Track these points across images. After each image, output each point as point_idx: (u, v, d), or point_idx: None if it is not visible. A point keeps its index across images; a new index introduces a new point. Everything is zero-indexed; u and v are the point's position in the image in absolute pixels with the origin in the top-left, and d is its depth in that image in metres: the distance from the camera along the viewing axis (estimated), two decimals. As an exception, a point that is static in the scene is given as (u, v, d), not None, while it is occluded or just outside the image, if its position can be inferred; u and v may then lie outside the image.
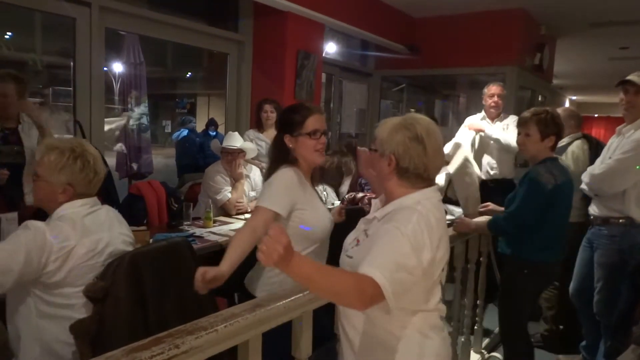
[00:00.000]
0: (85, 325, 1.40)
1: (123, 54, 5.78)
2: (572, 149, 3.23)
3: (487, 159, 3.91)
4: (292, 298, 1.40)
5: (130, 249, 1.65)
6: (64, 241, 1.48)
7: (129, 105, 5.66)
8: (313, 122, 1.81)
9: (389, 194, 1.39)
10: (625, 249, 2.64)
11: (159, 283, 1.57)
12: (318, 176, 2.01)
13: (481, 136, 3.86)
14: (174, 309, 1.59)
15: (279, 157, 1.85)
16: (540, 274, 2.46)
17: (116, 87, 7.08)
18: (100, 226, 1.61)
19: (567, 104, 13.04)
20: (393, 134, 1.34)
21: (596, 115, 16.84)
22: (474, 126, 3.90)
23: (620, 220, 2.66)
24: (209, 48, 4.64)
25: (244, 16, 4.51)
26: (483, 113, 3.97)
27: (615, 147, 2.75)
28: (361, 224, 1.47)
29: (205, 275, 1.47)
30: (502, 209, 2.69)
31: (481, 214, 2.77)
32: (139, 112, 5.55)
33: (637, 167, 2.57)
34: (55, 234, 1.47)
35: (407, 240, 1.22)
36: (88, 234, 1.55)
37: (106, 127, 4.15)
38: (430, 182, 1.38)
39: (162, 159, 10.74)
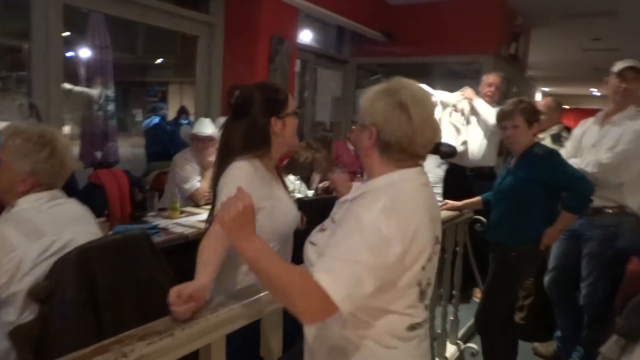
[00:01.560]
0: (25, 331, 1.25)
1: (87, 36, 5.51)
2: (566, 137, 3.32)
3: (472, 145, 3.85)
4: (259, 295, 1.28)
5: None
6: (10, 252, 1.33)
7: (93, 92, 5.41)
8: (292, 100, 1.67)
9: (369, 173, 1.20)
10: (616, 238, 2.62)
11: (113, 281, 1.42)
12: (284, 165, 1.84)
13: (469, 112, 3.85)
14: (131, 310, 1.45)
15: (255, 144, 1.60)
16: (534, 258, 2.46)
17: (81, 71, 6.78)
18: (59, 224, 1.46)
19: (539, 96, 13.20)
20: (374, 102, 1.16)
21: (567, 107, 17.20)
22: (467, 92, 3.87)
23: (614, 210, 2.64)
24: (178, 30, 4.43)
25: (215, -3, 4.32)
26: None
27: (600, 135, 2.71)
28: (335, 207, 1.29)
29: (181, 295, 1.19)
30: (461, 203, 2.64)
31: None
32: (104, 95, 5.29)
33: None
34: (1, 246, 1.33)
35: (368, 234, 1.03)
36: (39, 235, 1.40)
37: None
38: (417, 160, 1.19)
39: (131, 148, 10.42)
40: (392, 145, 1.13)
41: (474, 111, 3.82)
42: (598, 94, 13.89)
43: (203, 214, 2.94)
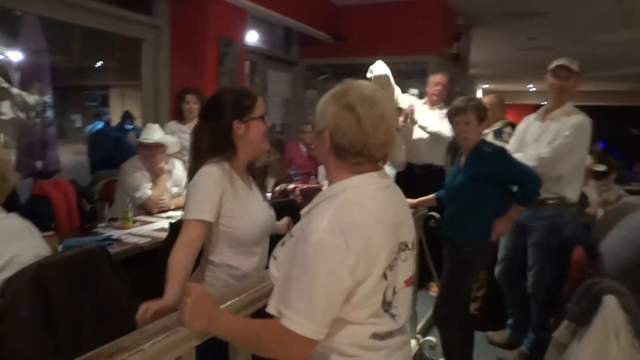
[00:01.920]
0: (-23, 354, 1.17)
1: (21, 40, 5.21)
2: (507, 133, 3.46)
3: (419, 146, 3.91)
4: (229, 303, 1.26)
5: None
6: None
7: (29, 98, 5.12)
8: (261, 105, 1.67)
9: (329, 178, 1.19)
10: (558, 228, 2.76)
11: (70, 298, 1.35)
12: (258, 167, 1.85)
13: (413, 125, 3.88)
14: (91, 327, 1.38)
15: (221, 148, 1.63)
16: (487, 252, 2.55)
17: (14, 76, 6.42)
18: (2, 240, 1.38)
19: (480, 92, 13.73)
20: (326, 106, 1.14)
21: (506, 103, 17.95)
22: (410, 115, 3.86)
23: (555, 201, 2.78)
24: (121, 33, 4.27)
25: (159, -1, 4.20)
26: (426, 98, 4.04)
27: (540, 131, 2.85)
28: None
29: (147, 314, 1.24)
30: (416, 201, 2.75)
31: None
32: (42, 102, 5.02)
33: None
34: None
35: (321, 255, 1.02)
36: None
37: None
38: (375, 162, 1.15)
39: (71, 155, 9.95)
40: (346, 148, 1.11)
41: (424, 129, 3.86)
42: (534, 89, 14.61)
43: (157, 223, 2.86)
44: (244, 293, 1.32)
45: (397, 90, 3.69)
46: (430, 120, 3.83)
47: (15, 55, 5.57)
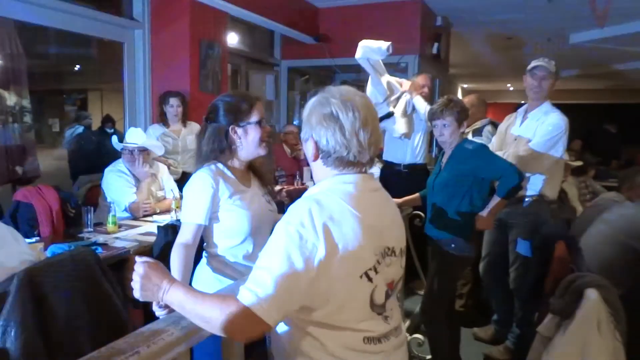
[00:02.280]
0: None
1: (-4, 44, 5.11)
2: (488, 131, 3.53)
3: (406, 144, 3.93)
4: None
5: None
6: None
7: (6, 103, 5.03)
8: (259, 110, 1.73)
9: (317, 182, 1.23)
10: (538, 225, 2.82)
11: (62, 303, 1.34)
12: (263, 166, 1.90)
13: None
14: (82, 330, 1.38)
15: (215, 151, 1.73)
16: (472, 249, 2.57)
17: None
18: None
19: (459, 92, 13.90)
20: (310, 114, 1.18)
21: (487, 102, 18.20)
22: (406, 86, 3.85)
23: (534, 198, 2.84)
24: (100, 36, 4.23)
25: (139, 1, 4.17)
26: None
27: (520, 130, 2.92)
28: None
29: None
30: (401, 200, 2.75)
31: None
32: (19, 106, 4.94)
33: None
34: None
35: (290, 237, 1.05)
36: None
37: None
38: (361, 167, 1.18)
39: (51, 160, 9.75)
40: (331, 154, 1.15)
41: (410, 108, 3.87)
42: (512, 88, 14.85)
43: (143, 227, 2.84)
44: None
45: (386, 75, 3.74)
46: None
47: (-9, 60, 5.47)
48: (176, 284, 1.15)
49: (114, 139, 3.25)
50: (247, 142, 1.72)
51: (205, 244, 1.79)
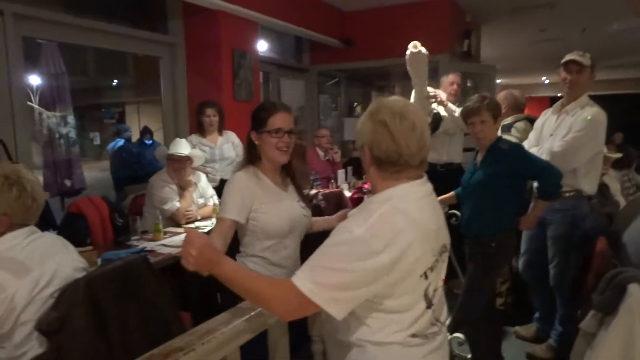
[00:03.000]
0: (40, 363, 1.26)
1: (41, 65, 5.39)
2: (516, 128, 3.47)
3: (440, 144, 3.95)
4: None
5: (83, 274, 1.52)
6: (2, 292, 1.35)
7: (52, 119, 5.31)
8: (276, 120, 1.81)
9: (373, 188, 1.31)
10: (577, 220, 2.78)
11: (118, 306, 1.44)
12: (295, 171, 1.99)
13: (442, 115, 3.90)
14: (138, 331, 1.47)
15: (247, 155, 1.88)
16: (511, 247, 2.59)
17: (35, 100, 6.66)
18: (41, 258, 1.47)
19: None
20: (364, 124, 1.26)
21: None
22: (440, 97, 3.85)
23: (571, 193, 2.80)
24: (138, 52, 4.41)
25: (173, 17, 4.33)
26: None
27: (556, 125, 2.88)
28: None
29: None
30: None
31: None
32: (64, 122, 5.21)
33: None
34: None
35: (356, 245, 1.12)
36: (26, 272, 1.41)
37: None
38: (412, 170, 1.24)
39: (94, 172, 10.16)
40: (383, 160, 1.22)
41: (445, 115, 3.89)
42: (548, 82, 14.50)
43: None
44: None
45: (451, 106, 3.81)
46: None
47: (36, 80, 5.77)
48: (225, 258, 1.23)
49: (159, 149, 3.38)
50: (264, 148, 1.84)
51: (240, 245, 1.89)
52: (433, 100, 3.80)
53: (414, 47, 3.45)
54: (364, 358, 1.22)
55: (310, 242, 1.91)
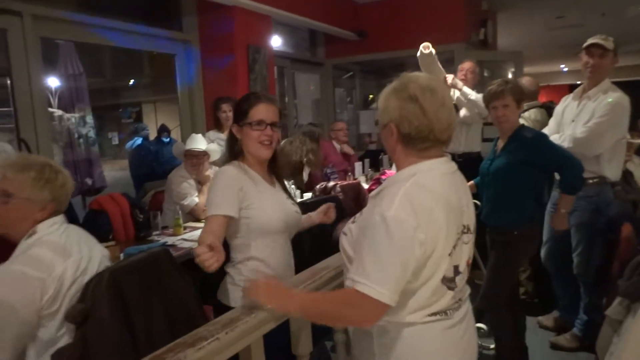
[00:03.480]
0: (67, 353, 1.29)
1: (60, 66, 5.47)
2: (524, 117, 3.43)
3: (458, 133, 3.91)
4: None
5: (109, 264, 1.55)
6: (52, 270, 1.39)
7: (72, 120, 5.40)
8: (258, 112, 1.68)
9: (397, 165, 1.27)
10: (601, 207, 2.73)
11: (142, 297, 1.46)
12: (280, 166, 1.88)
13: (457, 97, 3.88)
14: (161, 322, 1.49)
15: (229, 149, 1.77)
16: (534, 236, 2.55)
17: (54, 101, 6.77)
18: (78, 244, 1.53)
19: (509, 77, 13.46)
20: (388, 101, 1.22)
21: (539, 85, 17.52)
22: (453, 80, 3.85)
23: (595, 180, 2.75)
24: (153, 50, 4.45)
25: (188, 14, 4.36)
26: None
27: (577, 110, 2.82)
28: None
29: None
30: None
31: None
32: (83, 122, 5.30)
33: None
34: (41, 268, 1.38)
35: (393, 230, 1.10)
36: (69, 254, 1.47)
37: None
38: (440, 146, 1.23)
39: (113, 172, 10.32)
40: (413, 136, 1.19)
41: (459, 100, 3.87)
42: (566, 69, 14.23)
43: (206, 228, 2.98)
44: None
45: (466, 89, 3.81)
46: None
47: (55, 81, 5.87)
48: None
49: (176, 146, 3.41)
50: (246, 142, 1.70)
51: (231, 251, 1.72)
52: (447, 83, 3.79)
53: (425, 48, 3.44)
54: (385, 338, 1.22)
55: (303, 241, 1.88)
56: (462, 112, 3.90)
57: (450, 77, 3.84)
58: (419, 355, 1.22)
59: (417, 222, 1.11)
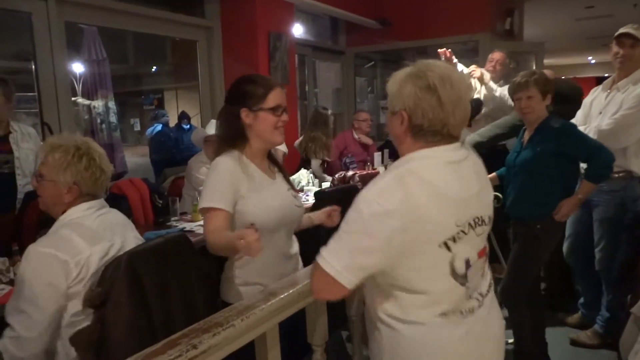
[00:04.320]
0: (85, 336, 1.30)
1: (84, 51, 5.53)
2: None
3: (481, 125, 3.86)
4: (305, 283, 1.32)
5: None
6: (78, 254, 1.40)
7: (94, 105, 5.46)
8: (276, 97, 1.60)
9: (402, 155, 1.18)
10: (627, 202, 2.66)
11: (159, 282, 1.47)
12: (277, 156, 1.80)
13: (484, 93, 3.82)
14: (178, 307, 1.50)
15: (231, 137, 1.62)
16: (558, 229, 2.49)
17: (78, 87, 6.87)
18: (111, 230, 1.53)
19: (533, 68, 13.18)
20: (402, 86, 1.13)
21: (562, 77, 17.16)
22: (477, 72, 3.76)
23: (621, 174, 2.67)
24: (176, 36, 4.46)
25: (210, 0, 4.34)
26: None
27: (606, 102, 2.74)
28: None
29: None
30: None
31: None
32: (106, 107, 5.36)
33: None
34: (66, 250, 1.39)
35: (363, 209, 1.06)
36: (98, 240, 1.47)
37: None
38: (450, 140, 1.14)
39: (134, 157, 10.45)
40: (425, 128, 1.11)
41: (486, 96, 3.80)
42: (594, 62, 13.88)
43: (224, 214, 2.98)
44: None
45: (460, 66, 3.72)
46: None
47: (79, 67, 5.93)
48: None
49: (195, 132, 3.42)
50: (260, 128, 1.59)
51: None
52: (473, 75, 3.70)
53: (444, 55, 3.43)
54: (393, 336, 1.15)
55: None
56: (487, 106, 3.81)
57: (477, 70, 3.75)
58: (427, 358, 1.14)
59: (394, 207, 1.04)
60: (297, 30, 4.99)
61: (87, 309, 1.37)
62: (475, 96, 3.80)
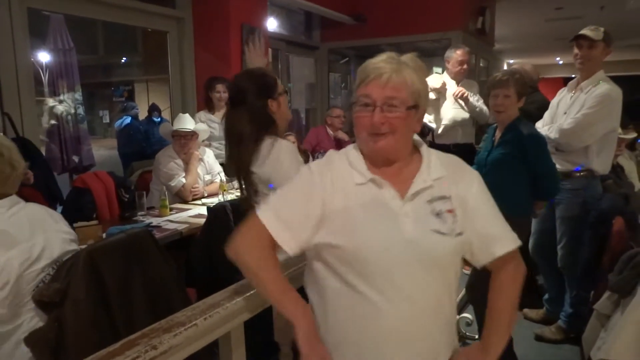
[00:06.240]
0: (42, 335, 1.24)
1: (49, 40, 5.34)
2: None
3: (454, 124, 3.88)
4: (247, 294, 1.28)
5: (73, 246, 1.49)
6: None
7: (61, 96, 5.27)
8: (279, 81, 1.86)
9: (404, 156, 1.16)
10: (588, 200, 2.71)
11: (121, 279, 1.42)
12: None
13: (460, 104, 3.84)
14: (141, 305, 1.45)
15: (265, 127, 1.75)
16: (526, 228, 2.56)
17: (44, 77, 6.64)
18: (29, 229, 1.41)
19: (505, 67, 13.42)
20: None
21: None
22: (460, 94, 3.76)
23: (582, 173, 2.72)
24: (146, 26, 4.34)
25: (181, -10, 4.24)
26: (445, 74, 3.95)
27: (570, 102, 2.79)
28: None
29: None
30: None
31: None
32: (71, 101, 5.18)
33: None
34: None
35: (304, 178, 1.12)
36: (14, 243, 1.35)
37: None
38: None
39: (102, 150, 10.20)
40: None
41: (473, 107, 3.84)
42: (562, 62, 14.21)
43: (193, 210, 2.93)
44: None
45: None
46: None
47: (45, 56, 5.72)
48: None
49: (163, 126, 3.34)
50: (282, 110, 1.82)
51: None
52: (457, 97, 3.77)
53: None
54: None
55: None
56: (456, 114, 3.87)
57: (457, 91, 3.77)
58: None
59: (324, 180, 1.09)
60: (271, 24, 4.93)
61: (36, 310, 1.29)
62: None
